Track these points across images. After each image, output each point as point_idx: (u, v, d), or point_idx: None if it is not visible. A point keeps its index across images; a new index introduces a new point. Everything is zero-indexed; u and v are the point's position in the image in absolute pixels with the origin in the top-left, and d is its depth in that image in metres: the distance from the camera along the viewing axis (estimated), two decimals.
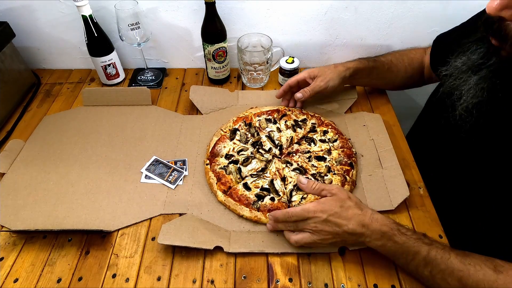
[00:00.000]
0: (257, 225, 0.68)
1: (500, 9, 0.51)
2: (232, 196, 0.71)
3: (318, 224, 0.59)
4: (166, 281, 0.61)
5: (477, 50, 0.61)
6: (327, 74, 0.84)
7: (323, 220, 0.58)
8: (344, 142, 0.81)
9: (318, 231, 0.59)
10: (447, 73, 0.68)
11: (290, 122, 0.86)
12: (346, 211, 0.59)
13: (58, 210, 0.71)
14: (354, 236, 0.59)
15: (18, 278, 0.62)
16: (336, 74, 0.84)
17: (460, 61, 0.65)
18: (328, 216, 0.58)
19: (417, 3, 0.95)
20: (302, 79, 0.86)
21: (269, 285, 0.61)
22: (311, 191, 0.65)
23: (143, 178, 0.77)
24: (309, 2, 0.95)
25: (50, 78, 1.07)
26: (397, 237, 0.56)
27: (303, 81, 0.86)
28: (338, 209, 0.59)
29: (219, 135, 0.83)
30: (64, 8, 0.95)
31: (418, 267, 0.56)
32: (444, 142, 0.77)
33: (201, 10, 0.90)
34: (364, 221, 0.58)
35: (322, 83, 0.83)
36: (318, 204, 0.60)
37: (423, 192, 0.74)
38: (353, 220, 0.58)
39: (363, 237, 0.58)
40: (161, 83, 1.04)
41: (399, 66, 0.89)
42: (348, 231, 0.58)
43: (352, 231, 0.58)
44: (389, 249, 0.58)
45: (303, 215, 0.60)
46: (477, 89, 0.61)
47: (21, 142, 0.85)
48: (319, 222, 0.59)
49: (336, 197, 0.61)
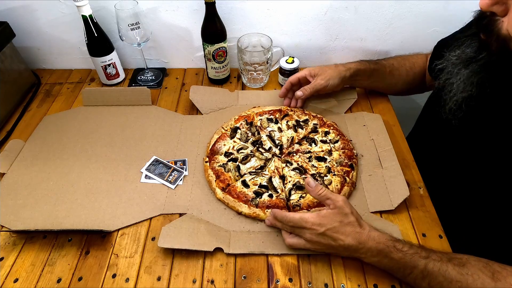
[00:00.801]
0: (257, 224, 0.69)
1: (492, 4, 0.52)
2: (231, 193, 0.71)
3: (314, 236, 0.59)
4: (166, 281, 0.61)
5: (471, 44, 0.62)
6: (327, 73, 0.85)
7: (319, 233, 0.58)
8: (346, 143, 0.81)
9: (313, 242, 0.60)
10: (441, 66, 0.69)
11: (292, 123, 0.86)
12: (345, 227, 0.58)
13: (58, 210, 0.71)
14: (349, 251, 0.59)
15: (18, 278, 0.62)
16: (337, 73, 0.85)
17: (454, 54, 0.66)
18: (326, 231, 0.58)
19: (417, 3, 0.95)
20: (303, 77, 0.87)
21: (269, 285, 0.61)
22: (316, 196, 0.63)
23: (143, 178, 0.77)
24: (309, 2, 0.95)
25: (50, 78, 1.07)
26: (393, 254, 0.56)
27: (304, 79, 0.87)
28: (337, 224, 0.58)
29: (220, 133, 0.83)
30: (64, 8, 0.95)
31: (416, 279, 0.56)
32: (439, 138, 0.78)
33: (201, 10, 0.90)
34: (361, 239, 0.58)
35: (322, 81, 0.84)
36: (318, 217, 0.59)
37: (423, 192, 0.74)
38: (350, 236, 0.58)
39: (358, 253, 0.59)
40: (161, 83, 1.04)
41: (401, 70, 0.89)
42: (344, 246, 0.58)
43: (347, 246, 0.58)
44: (385, 264, 0.58)
45: (300, 224, 0.60)
46: (467, 83, 0.62)
47: (21, 142, 0.85)
48: (315, 235, 0.59)
49: (338, 211, 0.59)
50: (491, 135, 0.63)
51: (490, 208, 0.65)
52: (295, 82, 0.88)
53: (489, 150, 0.63)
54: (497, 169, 0.62)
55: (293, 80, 0.87)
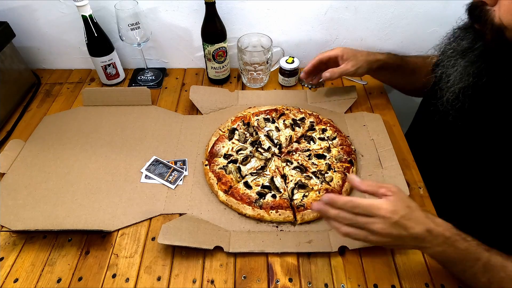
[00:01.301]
0: (257, 224, 0.69)
1: None
2: (234, 195, 0.71)
3: (386, 226, 0.51)
4: (166, 281, 0.61)
5: (466, 36, 0.62)
6: (359, 60, 0.83)
7: (393, 222, 0.50)
8: (343, 140, 0.81)
9: (381, 234, 0.51)
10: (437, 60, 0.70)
11: (289, 121, 0.86)
12: (414, 213, 0.52)
13: (58, 210, 0.71)
14: (417, 240, 0.53)
15: (18, 278, 0.62)
16: (367, 63, 0.84)
17: (449, 47, 0.66)
18: (400, 218, 0.51)
19: (417, 3, 0.95)
20: (335, 56, 0.84)
21: (269, 285, 0.61)
22: (367, 188, 0.55)
23: (143, 178, 0.77)
24: (309, 2, 0.95)
25: (50, 78, 1.07)
26: (459, 242, 0.52)
27: (335, 59, 0.85)
28: (408, 211, 0.52)
29: (218, 135, 0.83)
30: (64, 8, 0.95)
31: (476, 274, 0.53)
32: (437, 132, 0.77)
33: (201, 10, 0.90)
34: (430, 226, 0.52)
35: (352, 69, 0.82)
36: (389, 203, 0.51)
37: (423, 192, 0.74)
38: (420, 223, 0.52)
39: (425, 242, 0.52)
40: (161, 83, 1.04)
41: (423, 70, 0.87)
42: (413, 235, 0.52)
43: (416, 235, 0.52)
44: (448, 255, 0.53)
45: (371, 211, 0.51)
46: (463, 74, 0.62)
47: (21, 142, 0.85)
48: (388, 224, 0.51)
49: (400, 196, 0.53)
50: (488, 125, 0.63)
51: (490, 208, 0.65)
52: (325, 61, 0.86)
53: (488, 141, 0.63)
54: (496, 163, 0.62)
55: (323, 58, 0.85)
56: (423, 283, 0.60)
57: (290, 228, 0.68)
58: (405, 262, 0.63)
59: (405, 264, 0.63)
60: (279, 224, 0.68)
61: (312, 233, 0.67)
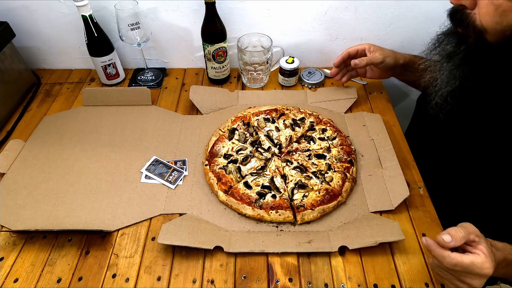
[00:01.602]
0: (257, 225, 0.69)
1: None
2: (234, 195, 0.71)
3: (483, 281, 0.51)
4: (166, 281, 0.61)
5: (450, 41, 0.63)
6: (386, 51, 0.86)
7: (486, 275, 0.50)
8: (343, 140, 0.81)
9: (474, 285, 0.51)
10: (424, 66, 0.70)
11: (289, 121, 0.86)
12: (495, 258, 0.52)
13: (58, 210, 0.71)
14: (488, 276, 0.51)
15: (18, 278, 0.62)
16: (394, 55, 0.86)
17: (435, 52, 0.67)
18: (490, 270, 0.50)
19: (417, 3, 0.95)
20: (362, 50, 0.87)
21: (269, 285, 0.61)
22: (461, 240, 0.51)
23: (143, 178, 0.77)
24: (309, 2, 0.95)
25: (50, 78, 1.07)
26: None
27: (363, 52, 0.87)
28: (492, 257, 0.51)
29: (218, 135, 0.83)
30: (64, 8, 0.95)
31: None
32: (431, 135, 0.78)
33: (201, 10, 0.90)
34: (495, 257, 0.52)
35: (380, 56, 0.84)
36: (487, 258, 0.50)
37: (423, 192, 0.74)
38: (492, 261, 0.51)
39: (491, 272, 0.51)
40: (161, 83, 1.04)
41: None
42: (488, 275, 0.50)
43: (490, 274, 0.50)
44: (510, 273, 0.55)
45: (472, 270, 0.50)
46: (450, 77, 0.63)
47: (21, 142, 0.85)
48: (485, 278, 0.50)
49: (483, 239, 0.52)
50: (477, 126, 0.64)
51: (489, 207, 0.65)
52: (353, 53, 0.88)
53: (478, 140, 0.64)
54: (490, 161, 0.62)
55: (351, 51, 0.88)
56: (423, 283, 0.60)
57: (290, 228, 0.68)
58: (405, 262, 0.63)
59: (405, 264, 0.63)
60: (279, 224, 0.68)
61: (312, 233, 0.67)
